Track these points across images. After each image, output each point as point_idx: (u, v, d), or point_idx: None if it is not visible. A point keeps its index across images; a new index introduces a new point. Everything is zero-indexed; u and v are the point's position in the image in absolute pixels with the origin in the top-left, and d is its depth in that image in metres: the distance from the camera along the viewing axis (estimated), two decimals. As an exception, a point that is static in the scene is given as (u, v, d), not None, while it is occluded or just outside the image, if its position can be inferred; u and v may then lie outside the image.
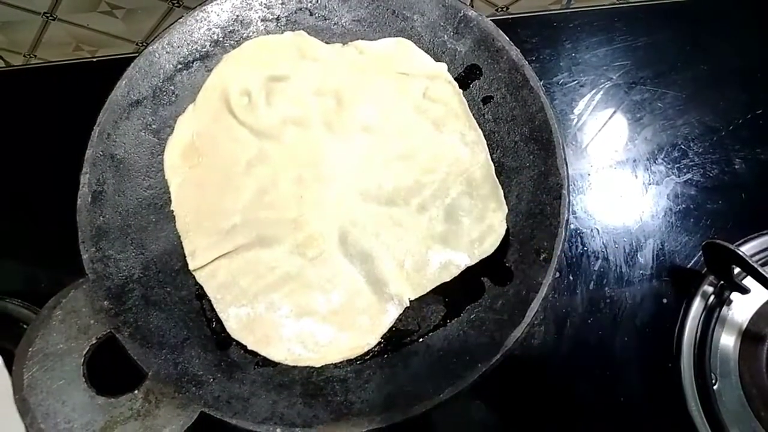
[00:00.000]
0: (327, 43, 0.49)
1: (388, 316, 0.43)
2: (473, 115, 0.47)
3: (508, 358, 0.39)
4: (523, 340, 0.40)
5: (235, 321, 0.43)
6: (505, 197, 0.44)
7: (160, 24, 0.64)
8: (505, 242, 0.44)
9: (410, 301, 0.42)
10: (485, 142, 0.46)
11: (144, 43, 0.66)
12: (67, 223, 0.43)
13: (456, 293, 0.43)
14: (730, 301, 0.48)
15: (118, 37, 0.65)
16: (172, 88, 0.48)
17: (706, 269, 0.50)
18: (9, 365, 0.44)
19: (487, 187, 0.45)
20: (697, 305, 0.49)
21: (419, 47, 0.49)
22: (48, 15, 0.61)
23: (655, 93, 0.55)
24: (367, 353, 0.42)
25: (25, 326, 0.52)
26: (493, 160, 0.46)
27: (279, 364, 0.42)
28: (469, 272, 0.43)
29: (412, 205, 0.45)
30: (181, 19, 0.48)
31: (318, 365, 0.42)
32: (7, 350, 0.47)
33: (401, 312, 0.42)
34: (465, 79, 0.48)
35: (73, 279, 0.42)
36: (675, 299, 0.49)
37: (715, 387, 0.46)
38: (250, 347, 0.42)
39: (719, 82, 0.55)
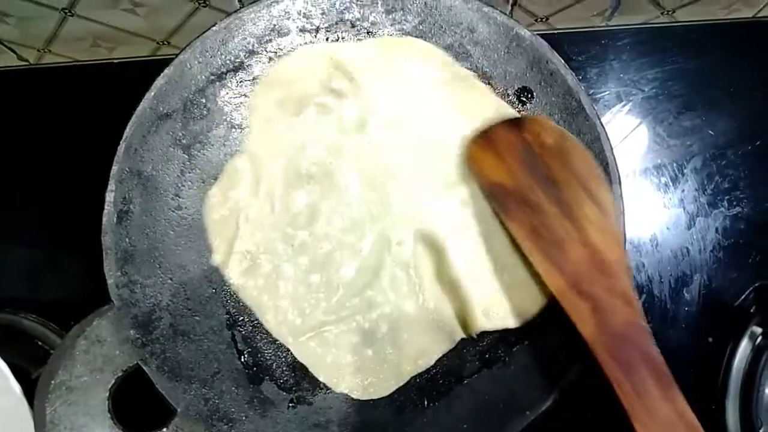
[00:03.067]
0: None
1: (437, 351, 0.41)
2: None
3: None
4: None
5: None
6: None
7: (184, 24, 0.61)
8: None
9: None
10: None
11: (165, 42, 0.63)
12: (87, 237, 0.40)
13: (502, 332, 0.41)
14: (779, 343, 0.46)
15: (138, 34, 0.62)
16: (204, 101, 0.45)
17: (754, 308, 0.48)
18: (24, 387, 0.42)
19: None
20: (744, 346, 0.47)
21: (466, 65, 0.46)
22: (66, 11, 0.57)
23: (706, 120, 0.53)
24: (408, 394, 0.40)
25: (40, 343, 0.50)
26: (543, 191, 0.43)
27: (314, 402, 0.40)
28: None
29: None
30: (214, 27, 0.45)
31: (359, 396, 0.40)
32: (21, 368, 0.45)
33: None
34: (516, 101, 0.45)
35: (93, 295, 0.40)
36: (721, 338, 0.48)
37: (761, 431, 0.45)
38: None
39: (775, 110, 0.53)
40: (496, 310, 0.41)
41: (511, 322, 0.41)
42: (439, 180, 0.44)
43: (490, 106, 0.45)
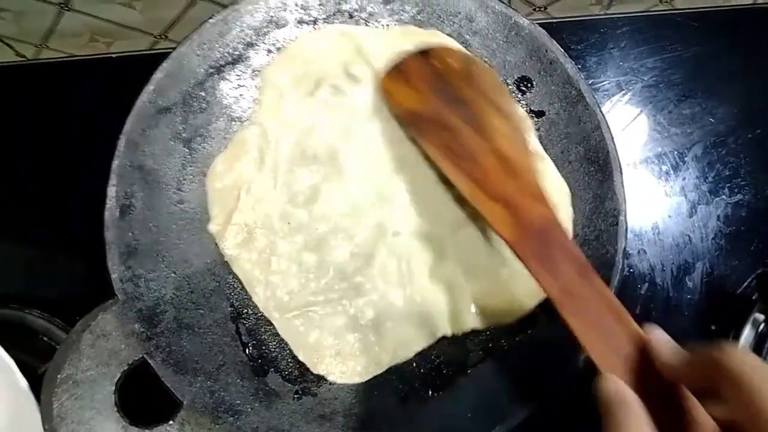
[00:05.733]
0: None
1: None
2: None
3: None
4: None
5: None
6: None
7: (181, 17, 0.61)
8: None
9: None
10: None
11: (163, 36, 0.62)
12: (89, 232, 0.40)
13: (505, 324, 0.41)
14: (782, 329, 0.47)
15: (135, 28, 0.62)
16: (203, 94, 0.45)
17: (756, 295, 0.48)
18: (30, 382, 0.42)
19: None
20: (746, 333, 0.47)
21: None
22: (63, 5, 0.57)
23: (706, 107, 0.53)
24: (412, 384, 0.40)
25: (45, 338, 0.50)
26: (545, 180, 0.43)
27: (319, 394, 0.40)
28: (519, 300, 0.41)
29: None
30: (211, 19, 0.45)
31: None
32: (28, 364, 0.45)
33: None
34: (516, 90, 0.45)
35: (97, 290, 0.40)
36: (724, 326, 0.48)
37: (763, 418, 0.45)
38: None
39: (775, 96, 0.53)
40: (492, 307, 0.41)
41: (507, 319, 0.41)
42: (442, 176, 0.43)
43: (506, 104, 0.44)
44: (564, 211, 0.42)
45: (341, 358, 0.41)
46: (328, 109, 0.45)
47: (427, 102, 0.41)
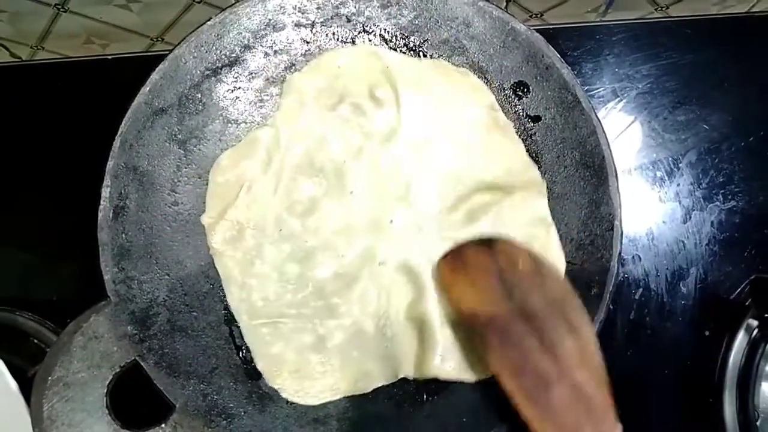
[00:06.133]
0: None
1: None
2: (520, 135, 0.45)
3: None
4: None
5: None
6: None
7: (178, 20, 0.61)
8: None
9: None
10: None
11: (159, 39, 0.62)
12: (82, 233, 0.40)
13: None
14: (775, 336, 0.47)
15: (132, 31, 0.62)
16: (199, 96, 0.45)
17: (750, 301, 0.48)
18: (22, 384, 0.42)
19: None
20: (740, 338, 0.48)
21: (463, 59, 0.46)
22: (59, 7, 0.57)
23: (700, 114, 0.53)
24: (406, 389, 0.40)
25: (35, 341, 0.49)
26: (540, 184, 0.44)
27: (313, 397, 0.40)
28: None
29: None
30: (209, 21, 0.45)
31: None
32: (18, 366, 0.45)
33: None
34: (512, 95, 0.45)
35: (89, 293, 0.39)
36: (717, 331, 0.48)
37: (758, 423, 0.45)
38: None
39: (768, 103, 0.54)
40: (455, 360, 0.40)
41: (467, 376, 0.40)
42: (442, 217, 0.43)
43: (518, 162, 0.44)
44: None
45: (299, 377, 0.40)
46: (345, 125, 0.45)
47: (492, 306, 0.34)
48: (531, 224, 0.43)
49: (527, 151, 0.45)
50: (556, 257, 0.42)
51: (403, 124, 0.45)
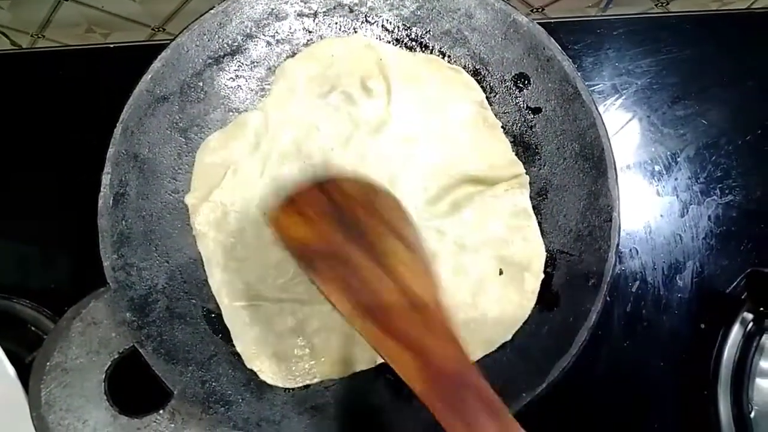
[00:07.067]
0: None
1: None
2: (520, 126, 0.45)
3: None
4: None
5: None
6: (552, 216, 0.43)
7: (180, 9, 0.61)
8: (551, 264, 0.42)
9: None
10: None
11: (160, 29, 0.62)
12: (81, 221, 0.40)
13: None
14: (770, 329, 0.47)
15: (133, 20, 0.62)
16: (201, 84, 0.45)
17: (745, 295, 0.48)
18: (19, 371, 0.42)
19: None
20: (735, 332, 0.48)
21: (465, 51, 0.46)
22: (60, -6, 0.57)
23: (699, 109, 0.53)
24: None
25: (33, 328, 0.49)
26: (540, 176, 0.44)
27: (311, 384, 0.40)
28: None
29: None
30: (212, 10, 0.45)
31: None
32: (15, 354, 0.45)
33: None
34: (513, 87, 0.46)
35: (87, 281, 0.39)
36: (713, 325, 0.48)
37: (752, 415, 0.45)
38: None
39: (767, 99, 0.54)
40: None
41: (474, 355, 0.40)
42: (426, 207, 0.43)
43: (502, 159, 0.44)
44: (534, 274, 0.42)
45: (277, 359, 0.40)
46: (335, 114, 0.45)
47: (320, 234, 0.35)
48: (513, 215, 0.43)
49: (527, 142, 0.45)
50: (537, 247, 0.42)
51: (392, 115, 0.45)
